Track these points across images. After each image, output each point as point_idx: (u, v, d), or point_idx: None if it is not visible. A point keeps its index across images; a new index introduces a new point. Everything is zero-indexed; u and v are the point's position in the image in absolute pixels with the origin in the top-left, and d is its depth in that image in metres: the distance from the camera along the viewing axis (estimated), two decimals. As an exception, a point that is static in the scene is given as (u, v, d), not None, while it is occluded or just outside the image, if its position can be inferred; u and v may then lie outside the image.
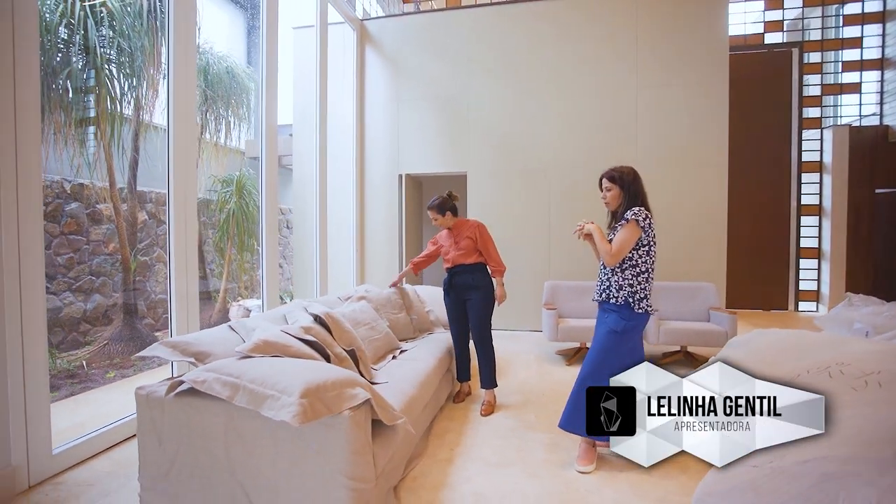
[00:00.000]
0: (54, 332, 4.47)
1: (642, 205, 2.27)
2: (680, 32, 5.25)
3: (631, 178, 2.29)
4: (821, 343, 2.24)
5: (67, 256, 4.57)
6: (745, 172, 7.09)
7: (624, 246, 2.20)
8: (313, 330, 2.22)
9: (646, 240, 2.22)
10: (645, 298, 2.25)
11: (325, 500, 1.59)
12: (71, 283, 4.60)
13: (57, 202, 4.45)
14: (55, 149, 3.74)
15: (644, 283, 2.25)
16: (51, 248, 4.43)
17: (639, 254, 2.23)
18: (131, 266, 4.56)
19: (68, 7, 3.43)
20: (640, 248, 2.23)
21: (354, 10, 6.21)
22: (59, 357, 4.24)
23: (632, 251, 2.24)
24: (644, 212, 2.21)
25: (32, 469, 2.11)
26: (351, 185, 6.04)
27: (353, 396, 1.63)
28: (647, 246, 2.24)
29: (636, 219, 2.18)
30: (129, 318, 4.64)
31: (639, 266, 2.24)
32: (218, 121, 5.71)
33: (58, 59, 3.54)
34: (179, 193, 2.95)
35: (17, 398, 2.06)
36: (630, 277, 2.24)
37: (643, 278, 2.24)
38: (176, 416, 1.74)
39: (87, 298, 4.73)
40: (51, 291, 4.41)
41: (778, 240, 7.12)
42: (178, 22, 2.91)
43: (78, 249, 4.66)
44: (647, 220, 2.20)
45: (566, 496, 2.03)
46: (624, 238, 2.20)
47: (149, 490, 1.78)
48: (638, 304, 2.23)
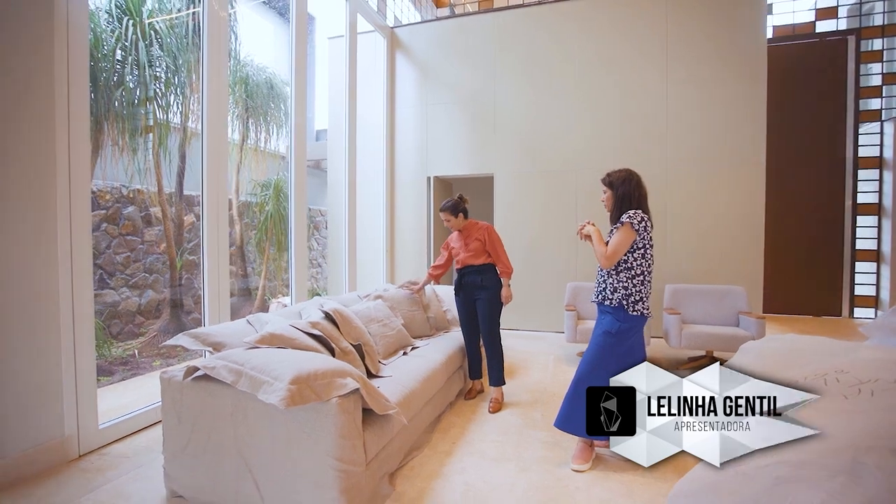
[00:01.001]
0: (114, 323, 4.97)
1: (638, 207, 2.27)
2: (713, 25, 5.07)
3: (620, 180, 2.31)
4: (831, 350, 2.17)
5: (125, 255, 5.06)
6: (792, 170, 6.70)
7: (618, 248, 2.22)
8: (320, 325, 2.40)
9: (640, 242, 2.23)
10: (640, 301, 2.25)
11: (316, 479, 1.74)
12: (127, 280, 5.09)
13: (116, 206, 4.94)
14: (112, 158, 4.17)
15: (639, 286, 2.25)
16: (110, 247, 4.93)
17: (634, 256, 2.24)
18: (177, 265, 4.97)
19: (123, 31, 3.82)
20: (635, 251, 2.24)
21: (385, 18, 6.43)
22: (116, 346, 4.71)
23: (627, 254, 2.25)
24: (640, 214, 2.22)
25: (82, 440, 2.42)
26: (382, 188, 6.26)
27: (342, 385, 1.77)
28: (643, 249, 2.24)
29: (630, 221, 2.20)
30: (176, 311, 5.07)
31: (634, 269, 2.25)
32: (258, 128, 6.09)
33: (114, 78, 3.95)
34: (212, 196, 3.23)
35: (69, 381, 2.37)
36: (625, 280, 2.25)
37: (638, 281, 2.25)
38: (192, 398, 1.95)
39: (141, 294, 5.22)
40: (110, 287, 4.91)
41: (831, 241, 6.67)
42: (211, 38, 3.19)
43: (134, 249, 5.15)
44: (642, 222, 2.20)
45: (553, 492, 2.08)
46: (618, 241, 2.22)
47: (170, 462, 2.01)
48: (632, 307, 2.24)
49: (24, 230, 2.18)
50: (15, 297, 2.15)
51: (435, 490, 2.10)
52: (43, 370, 2.26)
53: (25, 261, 2.19)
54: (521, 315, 5.68)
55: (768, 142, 4.99)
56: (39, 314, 2.24)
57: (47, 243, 2.27)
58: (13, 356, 2.15)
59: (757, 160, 4.98)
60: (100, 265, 4.81)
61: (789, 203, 6.75)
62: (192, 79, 4.47)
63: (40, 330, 2.25)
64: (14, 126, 2.14)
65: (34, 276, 2.22)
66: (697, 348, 3.94)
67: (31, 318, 2.21)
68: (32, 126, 2.20)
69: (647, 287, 2.28)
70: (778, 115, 6.67)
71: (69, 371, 2.36)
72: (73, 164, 2.38)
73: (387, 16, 6.59)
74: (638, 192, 2.29)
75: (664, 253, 5.22)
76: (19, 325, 2.17)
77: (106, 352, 4.39)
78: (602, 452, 2.43)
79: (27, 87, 2.18)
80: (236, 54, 5.43)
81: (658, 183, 5.23)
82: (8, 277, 2.12)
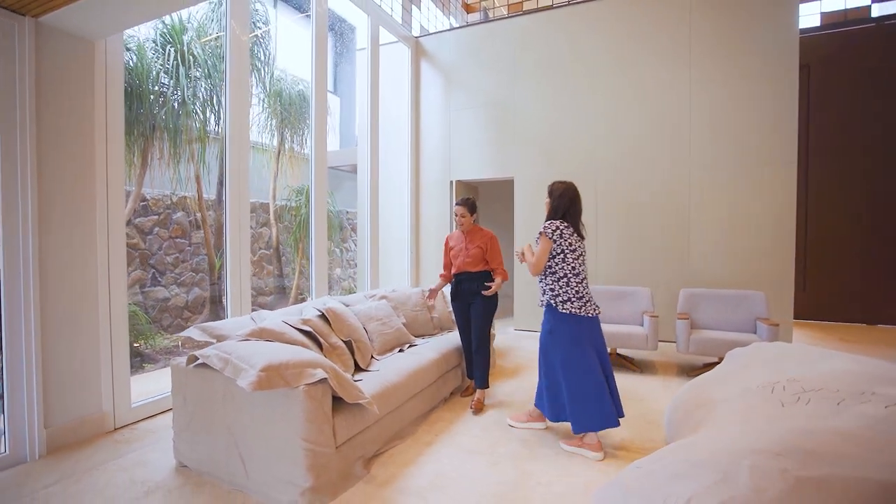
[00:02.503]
0: (164, 317, 5.56)
1: (563, 218, 2.55)
2: (740, 18, 4.86)
3: (558, 193, 2.59)
4: (808, 359, 2.15)
5: (174, 256, 5.64)
6: (841, 169, 6.25)
7: (540, 256, 2.51)
8: (311, 322, 2.65)
9: (558, 248, 2.49)
10: (570, 301, 2.48)
11: (288, 456, 1.98)
12: (176, 278, 5.67)
13: (166, 212, 5.53)
14: (159, 170, 4.70)
15: (564, 287, 2.50)
16: (161, 249, 5.52)
17: (555, 261, 2.52)
18: (216, 265, 5.48)
19: (166, 57, 4.31)
20: (555, 257, 2.51)
21: (410, 29, 6.69)
22: (165, 338, 5.28)
23: (550, 259, 2.53)
24: (555, 224, 2.50)
25: (117, 416, 2.83)
26: (407, 192, 6.52)
27: (311, 375, 2.00)
28: (562, 254, 2.49)
29: (545, 232, 2.50)
30: (215, 307, 5.58)
31: (557, 272, 2.52)
32: (293, 137, 6.54)
33: (160, 99, 4.45)
34: (234, 201, 3.58)
35: (107, 367, 2.78)
36: (551, 283, 2.54)
37: (564, 282, 2.50)
38: (194, 382, 2.26)
39: (188, 291, 5.79)
40: (161, 284, 5.50)
41: (890, 246, 6.14)
42: (232, 59, 3.54)
43: (182, 250, 5.73)
44: (556, 231, 2.48)
45: (515, 483, 2.20)
46: (539, 250, 2.53)
47: (178, 436, 2.34)
48: (561, 306, 2.49)
49: (69, 237, 2.59)
50: (62, 294, 2.56)
51: (405, 476, 2.28)
52: (85, 356, 2.67)
53: (71, 264, 2.60)
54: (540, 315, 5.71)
55: (814, 138, 4.71)
56: (82, 309, 2.66)
57: (88, 250, 2.68)
58: (61, 344, 2.56)
59: (787, 159, 4.73)
60: (152, 265, 5.40)
61: (836, 204, 6.30)
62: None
63: (83, 323, 2.66)
64: (61, 148, 2.55)
65: (77, 277, 2.63)
66: (706, 354, 3.85)
67: (75, 312, 2.63)
68: (76, 147, 2.62)
69: (574, 288, 2.49)
70: (821, 110, 6.25)
71: (106, 358, 2.77)
72: (110, 182, 2.78)
73: (412, 26, 6.84)
74: (571, 206, 2.57)
75: (685, 257, 5.09)
76: (65, 319, 2.58)
77: (153, 342, 4.94)
78: (566, 449, 2.53)
79: (71, 114, 2.60)
80: (270, 70, 5.87)
81: (679, 184, 5.10)
82: (57, 277, 2.54)
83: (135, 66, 4.18)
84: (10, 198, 2.37)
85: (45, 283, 2.48)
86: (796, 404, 1.63)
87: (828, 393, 1.64)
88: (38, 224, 2.45)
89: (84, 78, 2.64)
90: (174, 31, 4.39)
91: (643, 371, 4.12)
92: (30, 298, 2.42)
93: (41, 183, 2.47)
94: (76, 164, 2.62)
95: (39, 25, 2.44)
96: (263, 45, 5.76)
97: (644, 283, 5.13)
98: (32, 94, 2.42)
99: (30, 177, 2.41)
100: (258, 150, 6.46)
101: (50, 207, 2.51)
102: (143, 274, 5.30)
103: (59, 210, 2.55)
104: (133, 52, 4.17)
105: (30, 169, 2.41)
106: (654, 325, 4.02)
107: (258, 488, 2.07)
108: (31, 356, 2.43)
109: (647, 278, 5.19)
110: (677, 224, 5.13)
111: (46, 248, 2.49)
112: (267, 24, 5.68)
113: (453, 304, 3.40)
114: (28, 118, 2.40)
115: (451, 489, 2.16)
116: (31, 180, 2.41)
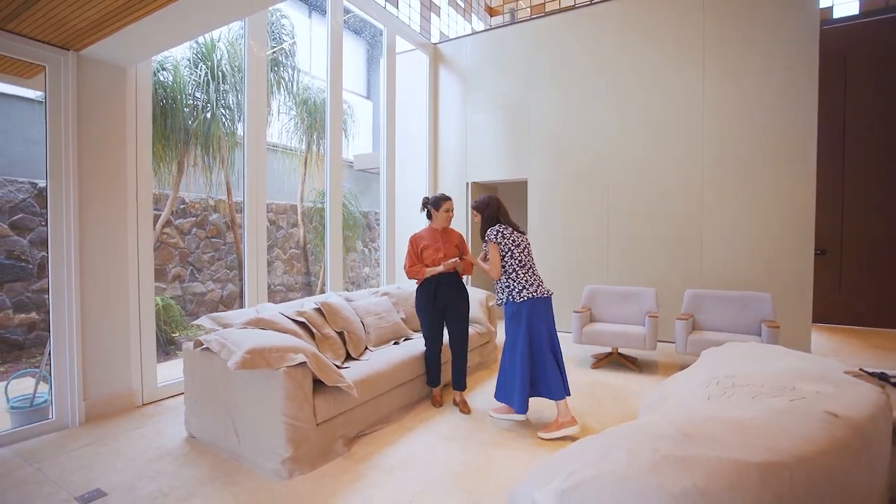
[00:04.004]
0: (201, 310, 6.09)
1: (499, 222, 2.87)
2: (756, 9, 4.74)
3: (484, 205, 2.93)
4: (762, 357, 2.20)
5: (210, 255, 6.17)
6: (880, 165, 5.89)
7: (494, 261, 2.83)
8: (306, 314, 2.94)
9: (504, 248, 2.80)
10: (524, 289, 2.76)
11: (272, 429, 2.26)
12: (212, 275, 6.20)
13: (203, 214, 6.06)
14: (194, 175, 5.20)
15: (516, 279, 2.79)
16: (199, 248, 6.06)
17: (504, 260, 2.81)
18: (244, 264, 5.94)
19: (199, 74, 4.78)
20: (504, 256, 2.81)
21: (430, 36, 6.93)
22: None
23: (500, 260, 2.82)
24: (494, 229, 2.82)
25: (145, 393, 3.24)
26: (426, 193, 6.77)
27: (291, 358, 2.27)
28: (509, 252, 2.80)
29: (489, 239, 2.83)
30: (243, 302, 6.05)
31: (507, 269, 2.82)
32: (321, 142, 6.94)
33: (194, 112, 4.93)
34: (252, 202, 3.94)
35: (136, 351, 3.20)
36: (505, 279, 2.83)
37: (514, 276, 2.80)
38: (200, 363, 2.59)
39: (223, 286, 6.31)
40: (198, 280, 6.04)
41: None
42: (250, 74, 3.90)
43: (217, 249, 6.25)
44: (498, 234, 2.80)
45: (478, 465, 2.38)
46: (493, 256, 2.83)
47: (188, 411, 2.69)
48: (518, 296, 2.76)
49: (104, 237, 3.02)
50: (98, 288, 2.99)
51: (381, 455, 2.51)
52: (117, 341, 3.09)
53: (106, 261, 3.02)
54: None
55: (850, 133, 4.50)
56: (115, 301, 3.08)
57: (120, 249, 3.10)
58: (98, 331, 2.99)
59: (805, 157, 4.57)
60: (191, 262, 5.94)
61: (880, 201, 5.94)
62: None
63: (116, 312, 3.08)
64: (98, 161, 2.98)
65: (111, 272, 3.05)
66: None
67: (111, 303, 3.05)
68: (110, 160, 3.04)
69: (524, 277, 2.78)
70: (867, 101, 5.92)
71: (136, 343, 3.19)
72: (139, 189, 3.19)
73: (431, 33, 7.08)
74: (498, 210, 2.91)
75: (697, 259, 5.02)
76: (101, 309, 3.01)
77: (188, 332, 5.45)
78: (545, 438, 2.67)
79: (106, 132, 3.02)
80: (297, 80, 6.29)
81: (692, 184, 5.04)
82: (94, 273, 2.96)
83: (171, 83, 4.66)
84: (57, 205, 2.81)
85: (84, 277, 2.91)
86: (720, 398, 1.71)
87: (752, 388, 1.71)
88: (78, 226, 2.87)
89: (117, 100, 3.05)
90: (206, 49, 4.85)
91: (642, 371, 4.15)
92: (72, 291, 2.84)
93: (81, 192, 2.89)
94: (110, 174, 3.04)
95: (81, 58, 2.87)
96: (291, 57, 6.18)
97: (656, 285, 5.10)
98: (74, 115, 2.85)
99: (72, 187, 2.84)
100: (287, 155, 6.90)
101: (88, 211, 2.93)
102: (182, 270, 5.84)
103: (95, 214, 2.97)
104: (169, 71, 4.65)
105: (72, 181, 2.84)
106: (653, 325, 4.04)
107: (248, 456, 2.37)
108: (73, 341, 2.86)
109: (659, 279, 5.16)
110: (690, 225, 5.06)
111: (85, 246, 2.91)
112: (293, 37, 6.08)
113: (427, 309, 3.14)
114: (71, 136, 2.83)
115: (418, 467, 2.37)
116: (73, 190, 2.84)
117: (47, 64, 2.76)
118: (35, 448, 2.58)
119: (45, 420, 2.80)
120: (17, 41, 2.61)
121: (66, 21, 2.46)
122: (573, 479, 1.28)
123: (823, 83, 6.11)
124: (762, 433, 1.34)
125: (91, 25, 2.50)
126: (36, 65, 2.77)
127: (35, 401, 2.88)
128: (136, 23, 2.48)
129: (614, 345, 4.18)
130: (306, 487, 2.17)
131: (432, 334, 3.18)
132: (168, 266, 5.67)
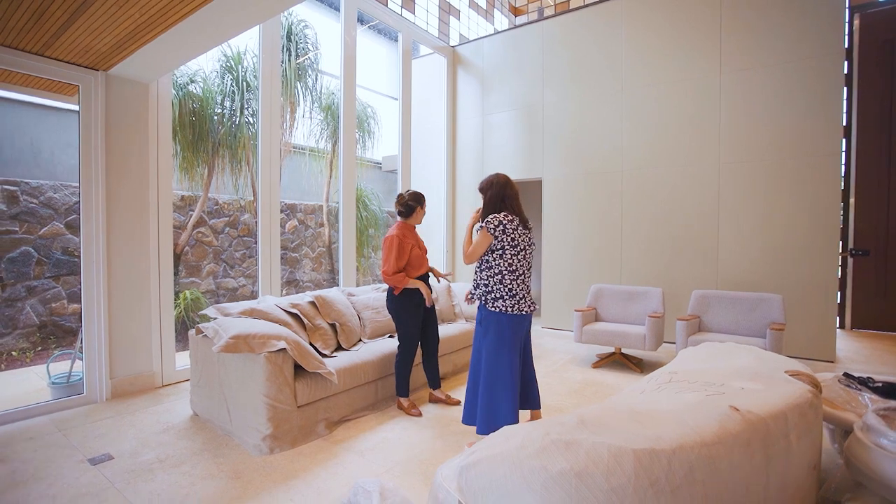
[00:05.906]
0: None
1: (504, 210, 2.45)
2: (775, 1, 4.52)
3: (487, 185, 2.51)
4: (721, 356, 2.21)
5: (241, 252, 6.63)
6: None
7: (476, 249, 2.44)
8: (300, 306, 3.17)
9: (498, 245, 2.40)
10: (501, 299, 2.39)
11: (255, 408, 2.49)
12: (244, 271, 6.65)
13: (235, 214, 6.52)
14: (223, 178, 5.63)
15: (498, 284, 2.40)
16: (231, 245, 6.52)
17: (493, 257, 2.42)
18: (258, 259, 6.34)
19: (225, 84, 5.18)
20: (493, 252, 2.42)
21: (448, 39, 7.07)
22: (232, 320, 6.25)
23: (487, 253, 2.44)
24: (497, 219, 2.39)
25: (164, 375, 3.60)
26: (443, 193, 6.92)
27: (273, 345, 2.49)
28: (501, 250, 2.40)
29: (486, 226, 2.41)
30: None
31: (493, 268, 2.42)
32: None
33: (222, 119, 5.34)
34: (265, 202, 4.25)
35: (157, 337, 3.56)
36: (486, 278, 2.45)
37: (497, 279, 2.40)
38: (201, 348, 2.88)
39: (254, 282, 6.75)
40: (231, 276, 6.50)
41: None
42: (264, 83, 4.21)
43: (248, 247, 6.71)
44: (499, 226, 2.38)
45: (444, 451, 2.49)
46: (477, 242, 2.45)
47: (193, 391, 2.99)
48: (491, 304, 2.41)
49: (129, 234, 3.39)
50: (123, 279, 3.36)
51: (358, 439, 2.69)
52: (140, 328, 3.46)
53: (130, 255, 3.40)
54: (557, 315, 5.78)
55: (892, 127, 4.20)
56: (142, 290, 3.45)
57: (143, 244, 3.46)
58: (123, 318, 3.37)
59: (830, 150, 4.31)
60: (224, 259, 6.42)
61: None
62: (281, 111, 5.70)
63: (141, 300, 3.45)
64: (123, 167, 3.35)
65: (134, 265, 3.42)
66: (705, 357, 3.72)
67: (135, 292, 3.42)
68: (134, 166, 3.41)
69: (508, 286, 2.39)
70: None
71: (156, 330, 3.55)
72: (160, 192, 3.55)
73: (450, 36, 7.21)
74: (504, 190, 2.46)
75: (713, 259, 4.85)
76: (127, 297, 3.38)
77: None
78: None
79: (131, 142, 3.39)
80: (322, 87, 6.62)
81: (708, 182, 4.87)
82: (119, 265, 3.34)
83: (201, 94, 5.08)
84: (88, 205, 3.20)
85: (111, 269, 3.29)
86: (653, 392, 1.75)
87: (685, 384, 1.73)
88: (106, 225, 3.25)
89: (141, 112, 3.42)
90: (234, 60, 5.24)
91: (644, 371, 4.09)
92: (100, 281, 3.23)
93: (108, 194, 3.27)
94: (133, 179, 3.41)
95: (108, 76, 3.25)
96: (315, 65, 6.51)
97: (671, 285, 4.98)
98: (103, 127, 3.23)
99: (101, 190, 3.22)
100: (315, 157, 7.27)
101: (115, 212, 3.31)
102: (215, 267, 6.32)
103: (121, 214, 3.34)
104: (198, 83, 5.08)
105: (101, 185, 3.22)
106: (653, 325, 3.97)
107: (237, 432, 2.62)
108: (102, 326, 3.24)
109: (674, 280, 5.03)
110: (706, 224, 4.90)
111: (112, 243, 3.29)
112: (316, 47, 6.41)
113: (416, 313, 3.05)
114: (100, 145, 3.21)
115: (387, 450, 2.52)
116: (101, 192, 3.22)
117: (80, 83, 3.16)
118: (66, 418, 2.96)
119: (77, 395, 3.20)
120: (54, 65, 3.01)
121: (91, 46, 2.81)
122: (473, 457, 1.40)
123: (867, 70, 5.70)
124: (654, 423, 1.39)
125: (111, 49, 2.85)
126: (72, 84, 3.17)
127: (71, 378, 3.29)
128: (148, 44, 2.79)
129: (614, 344, 4.15)
130: (281, 462, 2.38)
131: (414, 338, 3.08)
132: (203, 262, 6.15)
